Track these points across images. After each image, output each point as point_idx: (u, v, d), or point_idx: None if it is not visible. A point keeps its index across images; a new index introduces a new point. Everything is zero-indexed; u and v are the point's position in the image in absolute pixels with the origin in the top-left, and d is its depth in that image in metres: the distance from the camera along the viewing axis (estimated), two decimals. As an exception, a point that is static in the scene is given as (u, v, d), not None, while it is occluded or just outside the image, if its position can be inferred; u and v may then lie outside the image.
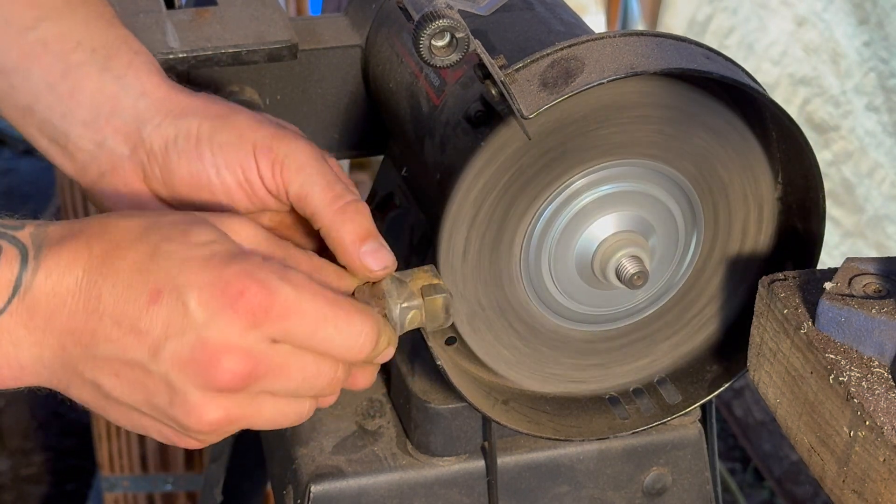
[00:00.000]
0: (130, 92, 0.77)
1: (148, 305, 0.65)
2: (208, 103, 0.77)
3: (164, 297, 0.64)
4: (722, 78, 0.72)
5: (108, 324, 0.65)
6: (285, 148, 0.74)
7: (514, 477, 0.90)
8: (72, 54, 0.77)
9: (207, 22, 0.94)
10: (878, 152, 2.19)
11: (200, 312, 0.64)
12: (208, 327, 0.64)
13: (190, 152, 0.75)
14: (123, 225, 0.67)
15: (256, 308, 0.65)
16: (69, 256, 0.65)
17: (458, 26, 0.67)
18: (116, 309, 0.65)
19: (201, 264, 0.65)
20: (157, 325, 0.65)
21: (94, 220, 0.68)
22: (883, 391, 0.66)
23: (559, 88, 0.69)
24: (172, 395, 0.65)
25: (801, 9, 2.21)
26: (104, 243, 0.66)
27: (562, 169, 0.77)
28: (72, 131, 0.77)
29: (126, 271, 0.65)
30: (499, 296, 0.81)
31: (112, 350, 0.65)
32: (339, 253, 0.73)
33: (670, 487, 0.93)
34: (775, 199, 0.83)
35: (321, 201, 0.73)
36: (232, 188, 0.75)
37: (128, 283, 0.65)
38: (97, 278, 0.65)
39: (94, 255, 0.65)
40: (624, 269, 0.77)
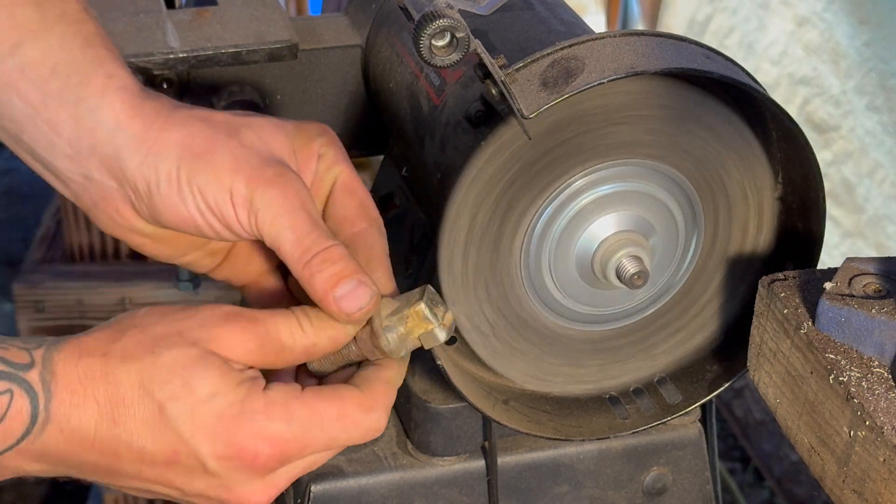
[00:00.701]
0: (105, 125, 0.75)
1: (166, 465, 0.70)
2: (187, 136, 0.75)
3: (181, 458, 0.69)
4: (722, 77, 0.72)
5: (130, 467, 0.70)
6: (259, 199, 0.73)
7: (515, 476, 0.90)
8: (48, 83, 0.75)
9: (207, 22, 0.94)
10: (878, 152, 2.18)
11: (220, 471, 0.70)
12: (230, 480, 0.70)
13: (173, 196, 0.74)
14: (125, 379, 0.69)
15: (272, 462, 0.70)
16: (80, 412, 0.68)
17: (458, 26, 0.67)
18: (135, 462, 0.70)
19: (212, 427, 0.69)
20: (179, 476, 0.70)
21: (96, 360, 0.69)
22: (883, 391, 0.66)
23: (559, 88, 0.69)
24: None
25: (801, 9, 2.21)
26: (109, 399, 0.69)
27: (562, 168, 0.77)
28: (58, 164, 0.77)
29: (138, 432, 0.69)
30: (499, 295, 0.81)
31: (139, 485, 0.71)
32: (318, 302, 0.73)
33: (670, 487, 0.93)
34: (775, 199, 0.83)
35: (290, 256, 0.73)
36: (217, 228, 0.75)
37: (142, 445, 0.69)
38: (110, 438, 0.69)
39: (102, 412, 0.69)
40: (624, 268, 0.77)
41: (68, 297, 2.15)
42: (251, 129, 0.76)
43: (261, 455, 0.69)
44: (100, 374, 0.69)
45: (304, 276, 0.72)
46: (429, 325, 0.72)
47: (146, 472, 0.70)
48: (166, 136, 0.75)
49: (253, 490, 0.71)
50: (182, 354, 0.69)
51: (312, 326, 0.72)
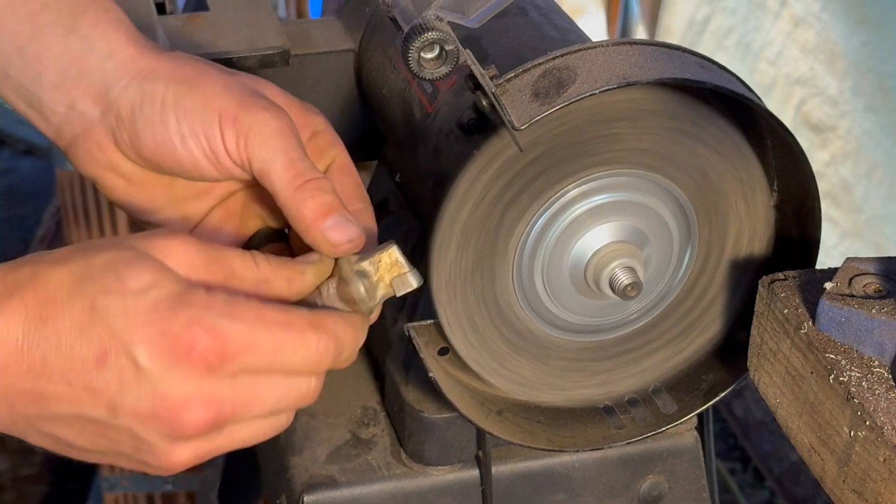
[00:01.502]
0: (97, 53, 0.74)
1: (96, 366, 0.63)
2: (178, 65, 0.74)
3: (111, 357, 0.63)
4: (715, 87, 0.72)
5: (59, 384, 0.63)
6: (251, 119, 0.71)
7: (509, 486, 0.90)
8: (38, 15, 0.74)
9: (199, 28, 0.93)
10: (876, 152, 2.18)
11: (153, 368, 0.62)
12: (163, 382, 0.63)
13: (154, 118, 0.72)
14: (56, 277, 0.64)
15: (210, 355, 0.63)
16: (6, 318, 0.63)
17: (447, 38, 0.67)
18: (64, 370, 0.63)
19: (144, 318, 0.63)
20: (110, 384, 0.63)
21: (26, 268, 0.65)
22: (883, 391, 0.66)
23: (551, 99, 0.69)
24: (138, 444, 0.64)
25: (797, 9, 2.20)
26: (38, 300, 0.63)
27: (555, 178, 0.76)
28: (43, 95, 0.75)
29: (67, 332, 0.63)
30: (492, 305, 0.80)
31: (66, 409, 0.64)
32: (302, 231, 0.70)
33: (666, 495, 0.93)
34: (771, 207, 0.83)
35: (281, 179, 0.70)
36: (197, 157, 0.72)
37: (71, 345, 0.63)
38: (39, 340, 0.63)
39: (30, 315, 0.63)
40: (618, 279, 0.77)
41: (68, 297, 2.15)
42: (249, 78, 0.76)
43: (197, 344, 0.62)
44: (28, 279, 0.63)
45: (295, 198, 0.70)
46: (402, 268, 0.70)
47: (74, 382, 0.63)
48: (157, 63, 0.74)
49: (190, 394, 0.63)
50: (117, 254, 0.64)
51: (269, 264, 0.68)
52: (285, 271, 0.68)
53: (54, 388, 0.63)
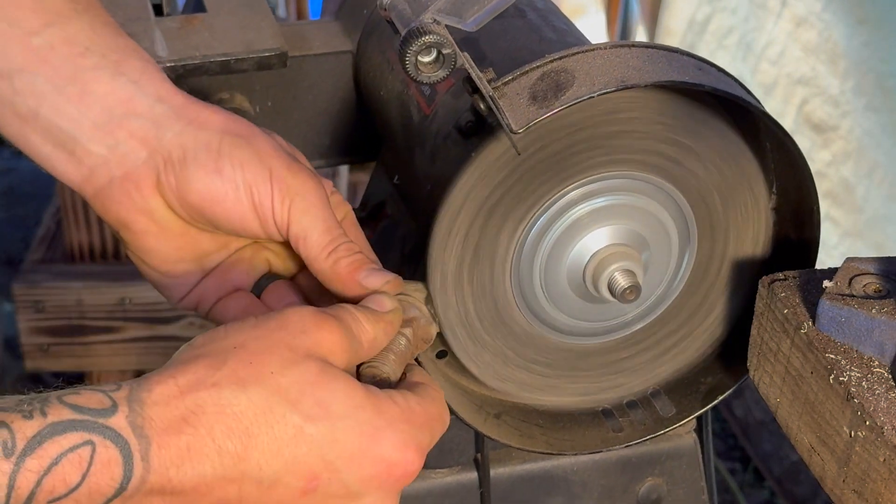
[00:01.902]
0: (146, 97, 0.75)
1: (303, 493, 0.63)
2: (228, 120, 0.76)
3: (321, 482, 0.63)
4: (713, 90, 0.72)
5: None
6: (297, 185, 0.74)
7: (508, 488, 0.89)
8: (80, 58, 0.75)
9: (196, 30, 0.93)
10: (877, 152, 2.18)
11: (361, 489, 0.64)
12: (368, 502, 0.65)
13: (209, 165, 0.73)
14: (245, 405, 0.62)
15: (413, 475, 0.66)
16: (191, 455, 0.60)
17: (444, 42, 0.66)
18: (262, 500, 0.63)
19: (357, 444, 0.64)
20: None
21: (205, 394, 0.62)
22: (883, 391, 0.66)
23: (549, 102, 0.69)
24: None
25: (799, 9, 2.20)
26: (231, 434, 0.61)
27: (553, 181, 0.76)
28: (81, 134, 0.74)
29: (269, 464, 0.62)
30: (490, 309, 0.80)
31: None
32: (339, 287, 0.73)
33: (665, 497, 0.93)
34: (770, 210, 0.83)
35: (317, 244, 0.74)
36: (246, 209, 0.74)
37: (276, 477, 0.62)
38: (234, 475, 0.61)
39: (224, 452, 0.61)
40: (616, 282, 0.77)
41: (68, 297, 2.15)
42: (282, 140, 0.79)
43: (411, 464, 0.65)
44: (213, 408, 0.61)
45: (329, 261, 0.73)
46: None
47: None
48: (207, 115, 0.75)
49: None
50: (304, 370, 0.64)
51: (368, 320, 0.70)
52: (381, 323, 0.71)
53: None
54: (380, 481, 0.64)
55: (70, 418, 0.58)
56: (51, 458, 0.57)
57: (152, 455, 0.59)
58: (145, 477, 0.59)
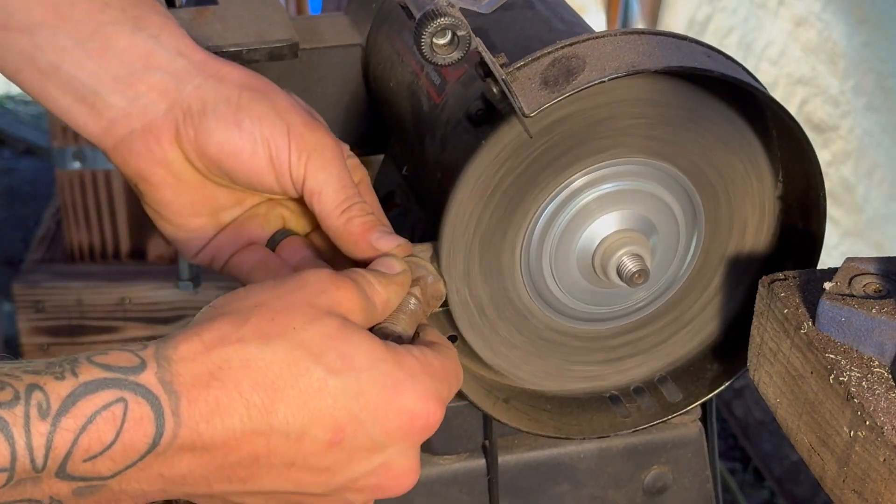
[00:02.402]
0: (167, 51, 0.75)
1: (329, 445, 0.63)
2: (248, 75, 0.77)
3: (347, 434, 0.63)
4: (723, 76, 0.72)
5: (277, 465, 0.63)
6: (315, 140, 0.75)
7: (515, 475, 0.90)
8: (100, 13, 0.75)
9: (208, 21, 0.94)
10: (877, 152, 2.19)
11: (388, 443, 0.65)
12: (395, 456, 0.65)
13: (228, 118, 0.74)
14: (270, 360, 0.62)
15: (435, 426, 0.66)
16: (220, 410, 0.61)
17: (459, 24, 0.67)
18: (290, 453, 0.63)
19: (382, 395, 0.64)
20: (338, 462, 0.64)
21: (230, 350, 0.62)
22: (883, 391, 0.66)
23: (560, 87, 0.69)
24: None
25: (799, 8, 2.21)
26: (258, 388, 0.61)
27: (563, 167, 0.77)
28: (102, 87, 0.75)
29: (296, 417, 0.62)
30: (500, 294, 0.81)
31: (277, 485, 0.64)
32: (351, 244, 0.74)
33: (671, 486, 0.93)
34: (776, 198, 0.83)
35: (332, 201, 0.74)
36: (262, 163, 0.74)
37: (302, 430, 0.62)
38: (263, 428, 0.62)
39: (251, 405, 0.61)
40: (625, 267, 0.77)
41: (68, 297, 2.15)
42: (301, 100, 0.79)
43: (432, 417, 0.65)
44: (238, 363, 0.61)
45: (343, 218, 0.74)
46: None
47: (300, 462, 0.63)
48: (228, 70, 0.76)
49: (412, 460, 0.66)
50: (326, 325, 0.64)
51: (380, 282, 0.70)
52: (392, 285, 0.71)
53: (271, 469, 0.63)
54: (403, 432, 0.65)
55: (102, 377, 0.59)
56: (85, 417, 0.58)
57: (182, 410, 0.60)
58: (176, 432, 0.60)
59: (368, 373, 0.64)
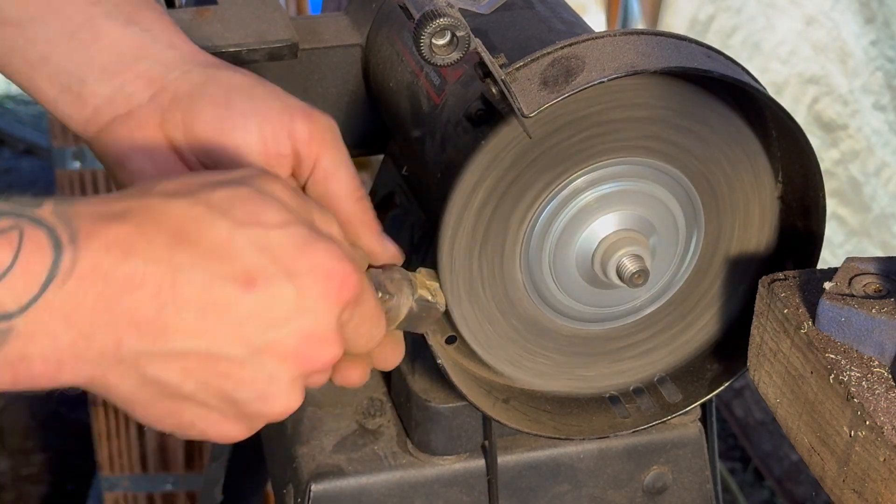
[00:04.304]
0: (158, 43, 0.75)
1: (241, 295, 0.59)
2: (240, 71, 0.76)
3: (258, 285, 0.60)
4: (722, 77, 0.72)
5: (189, 317, 0.59)
6: (325, 122, 0.73)
7: (515, 476, 0.90)
8: (93, 6, 0.75)
9: (208, 21, 0.94)
10: (884, 151, 2.19)
11: (302, 301, 0.61)
12: (312, 316, 0.61)
13: (218, 98, 0.73)
14: (177, 211, 0.60)
15: (351, 296, 0.63)
16: (121, 244, 0.58)
17: (458, 24, 0.67)
18: (200, 301, 0.59)
19: (293, 250, 0.61)
20: (252, 316, 0.60)
21: (133, 202, 0.60)
22: (883, 391, 0.66)
23: (560, 87, 0.69)
24: (266, 386, 0.62)
25: (809, 8, 2.21)
26: (163, 232, 0.59)
27: (562, 167, 0.77)
28: (89, 76, 0.75)
29: (204, 260, 0.59)
30: (500, 294, 0.81)
31: (193, 345, 0.60)
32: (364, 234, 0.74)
33: (670, 486, 0.93)
34: (776, 198, 0.83)
35: (348, 185, 0.73)
36: (252, 142, 0.72)
37: (211, 273, 0.59)
38: (166, 269, 0.58)
39: (154, 244, 0.58)
40: (624, 267, 0.77)
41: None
42: None
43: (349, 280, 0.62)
44: (140, 209, 0.59)
45: (359, 206, 0.74)
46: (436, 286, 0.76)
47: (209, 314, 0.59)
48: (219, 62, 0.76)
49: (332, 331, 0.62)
50: (237, 189, 0.62)
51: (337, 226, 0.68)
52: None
53: (183, 321, 0.59)
54: (318, 292, 0.61)
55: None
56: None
57: (81, 240, 0.57)
58: (75, 258, 0.57)
59: (279, 230, 0.61)
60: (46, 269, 0.56)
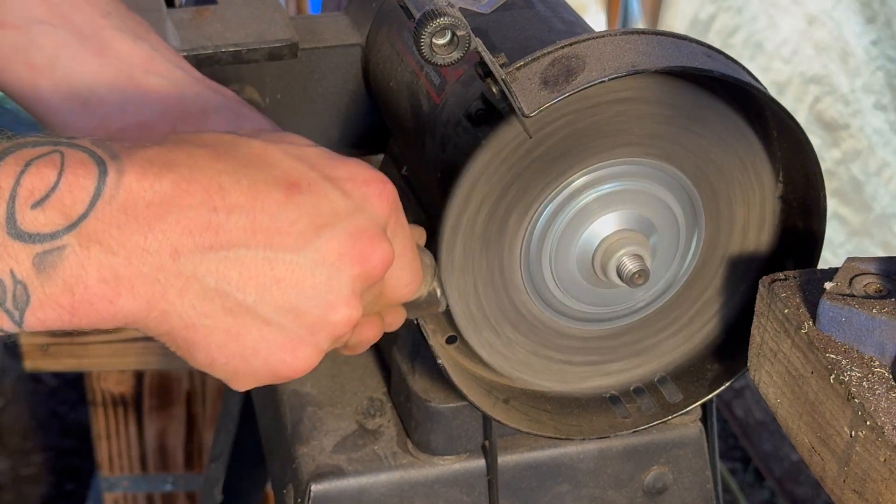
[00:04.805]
0: (167, 61, 0.77)
1: (287, 198, 0.59)
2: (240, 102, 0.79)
3: (302, 189, 0.60)
4: (723, 76, 0.72)
5: (241, 220, 0.58)
6: None
7: (515, 476, 0.90)
8: (102, 19, 0.76)
9: (208, 21, 0.94)
10: (885, 151, 2.19)
11: (348, 201, 0.62)
12: (359, 215, 0.62)
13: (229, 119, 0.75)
14: (208, 138, 0.61)
15: (392, 201, 0.64)
16: (163, 158, 0.58)
17: (459, 24, 0.67)
18: (249, 204, 0.59)
19: (328, 160, 0.62)
20: (302, 217, 0.60)
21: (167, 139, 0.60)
22: (884, 391, 0.66)
23: (560, 87, 0.69)
24: (325, 292, 0.61)
25: (811, 7, 2.21)
26: (201, 147, 0.59)
27: (563, 167, 0.77)
28: (99, 86, 0.75)
29: (247, 167, 0.59)
30: (500, 294, 0.81)
31: (248, 248, 0.59)
32: None
33: (671, 486, 0.93)
34: (776, 198, 0.83)
35: None
36: None
37: (254, 178, 0.59)
38: (211, 175, 0.58)
39: (195, 156, 0.58)
40: (625, 267, 0.77)
41: (68, 297, 2.15)
42: None
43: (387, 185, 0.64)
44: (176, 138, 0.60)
45: None
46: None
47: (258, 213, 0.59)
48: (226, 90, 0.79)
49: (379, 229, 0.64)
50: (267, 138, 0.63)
51: None
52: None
53: (235, 224, 0.59)
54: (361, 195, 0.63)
55: (33, 139, 0.57)
56: (24, 161, 0.55)
57: (123, 157, 0.57)
58: (121, 169, 0.56)
59: (309, 147, 0.63)
60: (93, 183, 0.56)
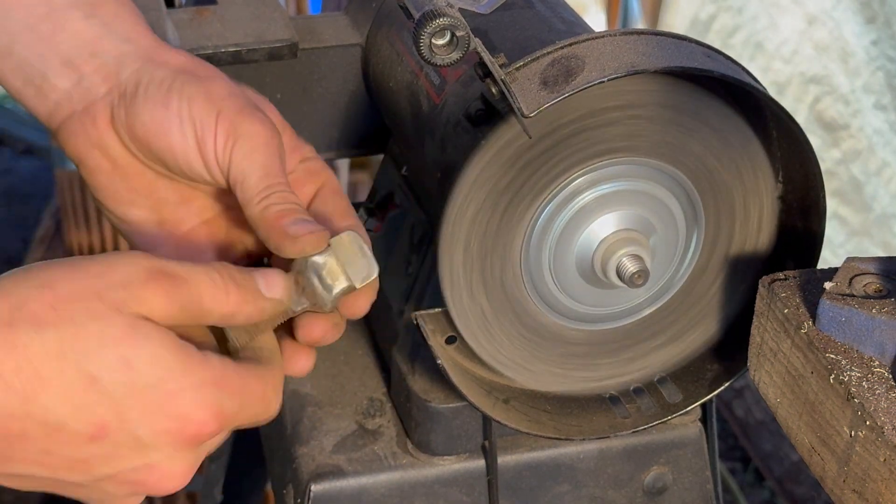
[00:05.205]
0: (115, 36, 0.75)
1: (90, 440, 0.62)
2: (191, 60, 0.75)
3: (110, 433, 0.62)
4: (722, 76, 0.72)
5: (32, 451, 0.62)
6: (244, 128, 0.72)
7: (515, 476, 0.90)
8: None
9: (207, 21, 0.94)
10: (885, 151, 2.19)
11: (152, 442, 0.63)
12: (159, 456, 0.64)
13: (157, 98, 0.72)
14: (39, 347, 0.60)
15: (207, 436, 0.65)
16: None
17: (458, 24, 0.67)
18: (48, 443, 0.61)
19: (156, 404, 0.62)
20: (98, 457, 0.63)
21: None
22: (883, 391, 0.66)
23: (560, 87, 0.69)
24: (107, 498, 0.66)
25: (811, 7, 2.21)
26: (22, 376, 0.60)
27: (562, 167, 0.77)
28: (49, 70, 0.75)
29: (57, 407, 0.61)
30: (499, 294, 0.81)
31: (35, 471, 0.63)
32: (266, 233, 0.70)
33: (671, 486, 0.93)
34: (776, 198, 0.83)
35: (252, 188, 0.71)
36: (190, 145, 0.72)
37: (62, 421, 0.61)
38: (17, 412, 0.60)
39: (11, 388, 0.60)
40: (625, 267, 0.77)
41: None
42: (252, 93, 0.77)
43: (205, 428, 0.64)
44: (4, 344, 0.59)
45: (260, 206, 0.70)
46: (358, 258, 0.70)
47: (57, 452, 0.62)
48: (170, 56, 0.75)
49: (181, 464, 0.65)
50: (109, 325, 0.61)
51: (237, 294, 0.67)
52: (249, 307, 0.68)
53: (25, 454, 0.62)
54: (171, 437, 0.63)
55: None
56: None
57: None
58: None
59: (146, 378, 0.62)
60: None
